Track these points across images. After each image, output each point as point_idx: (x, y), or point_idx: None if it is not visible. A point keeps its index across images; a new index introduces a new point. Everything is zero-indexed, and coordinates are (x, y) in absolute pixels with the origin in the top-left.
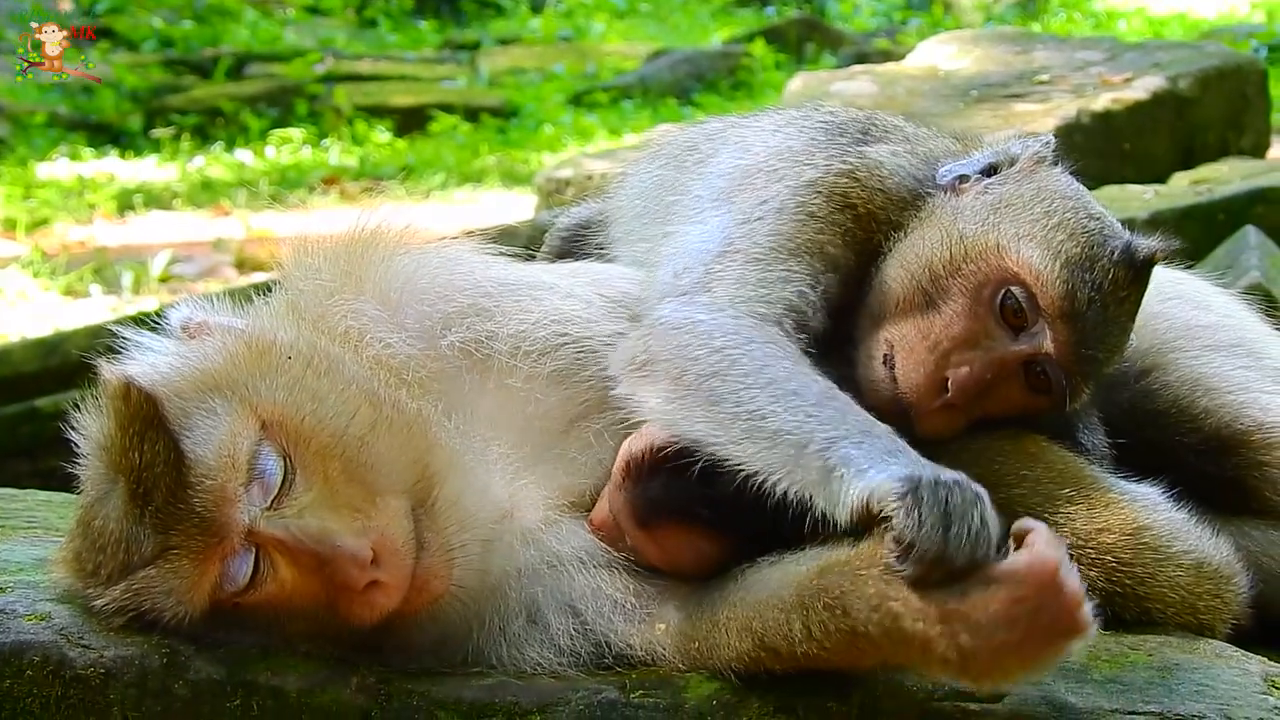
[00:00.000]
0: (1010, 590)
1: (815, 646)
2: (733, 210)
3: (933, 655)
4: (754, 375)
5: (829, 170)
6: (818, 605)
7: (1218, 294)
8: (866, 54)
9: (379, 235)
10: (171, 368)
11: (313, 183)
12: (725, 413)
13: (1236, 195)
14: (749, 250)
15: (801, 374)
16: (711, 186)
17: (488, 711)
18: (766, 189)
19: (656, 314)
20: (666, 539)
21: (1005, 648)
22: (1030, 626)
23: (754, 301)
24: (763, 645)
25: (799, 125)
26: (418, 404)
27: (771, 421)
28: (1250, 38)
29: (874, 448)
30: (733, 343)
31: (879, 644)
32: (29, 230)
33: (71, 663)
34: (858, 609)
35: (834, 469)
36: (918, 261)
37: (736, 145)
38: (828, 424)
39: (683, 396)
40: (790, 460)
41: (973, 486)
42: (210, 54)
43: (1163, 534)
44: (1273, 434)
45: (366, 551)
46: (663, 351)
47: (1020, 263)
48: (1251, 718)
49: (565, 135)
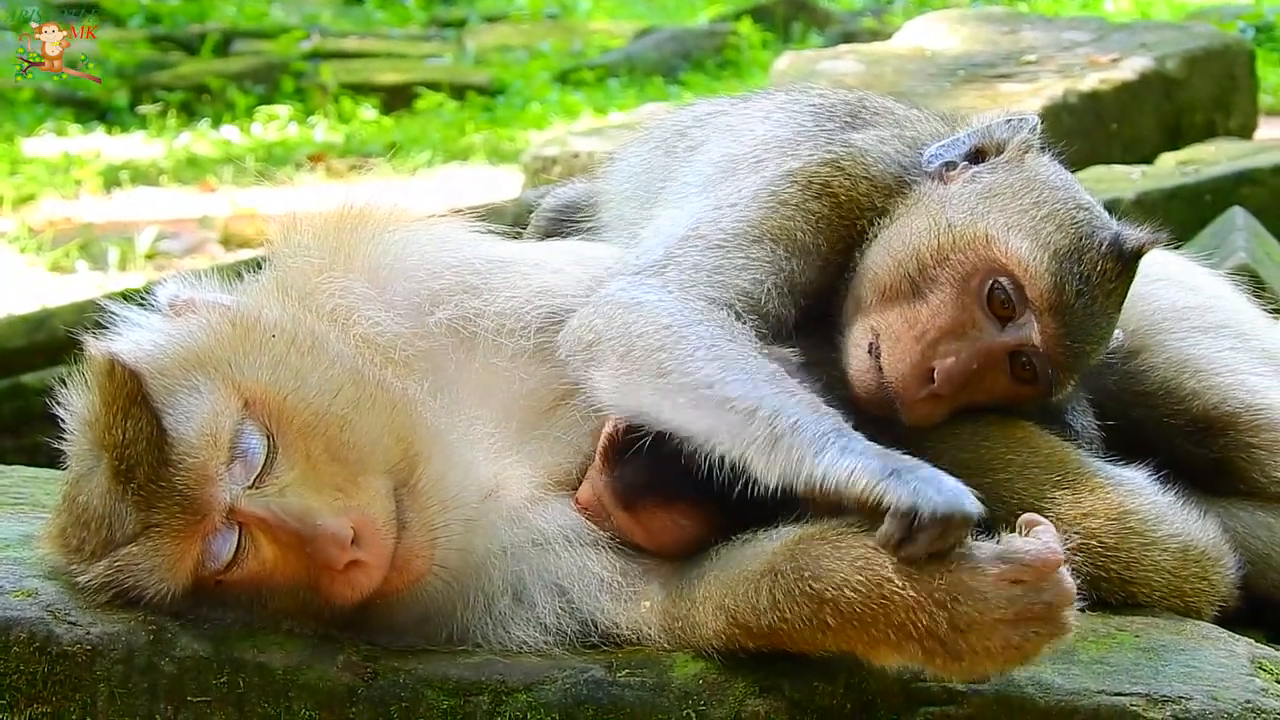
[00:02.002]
0: (1013, 569)
1: (777, 616)
2: (710, 198)
3: (915, 626)
4: (702, 350)
5: (811, 160)
6: (787, 570)
7: (1205, 275)
8: (853, 33)
9: (368, 213)
10: (156, 345)
11: (299, 160)
12: (671, 384)
13: (1223, 176)
14: (711, 236)
15: (749, 355)
16: (698, 174)
17: (474, 690)
18: (746, 178)
19: (604, 292)
20: (649, 519)
21: (996, 625)
22: (1024, 609)
23: (705, 285)
24: (735, 622)
25: (787, 111)
26: (402, 383)
27: (718, 390)
28: (1238, 19)
29: (824, 424)
30: (679, 320)
31: (851, 613)
32: (15, 206)
33: (58, 639)
34: (833, 572)
35: (781, 437)
36: (905, 250)
37: (725, 132)
38: (776, 396)
39: (629, 372)
40: (737, 428)
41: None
42: (197, 30)
43: (1148, 518)
44: (1260, 415)
45: (347, 531)
46: (608, 330)
47: (1009, 254)
48: (1238, 699)
49: (552, 113)
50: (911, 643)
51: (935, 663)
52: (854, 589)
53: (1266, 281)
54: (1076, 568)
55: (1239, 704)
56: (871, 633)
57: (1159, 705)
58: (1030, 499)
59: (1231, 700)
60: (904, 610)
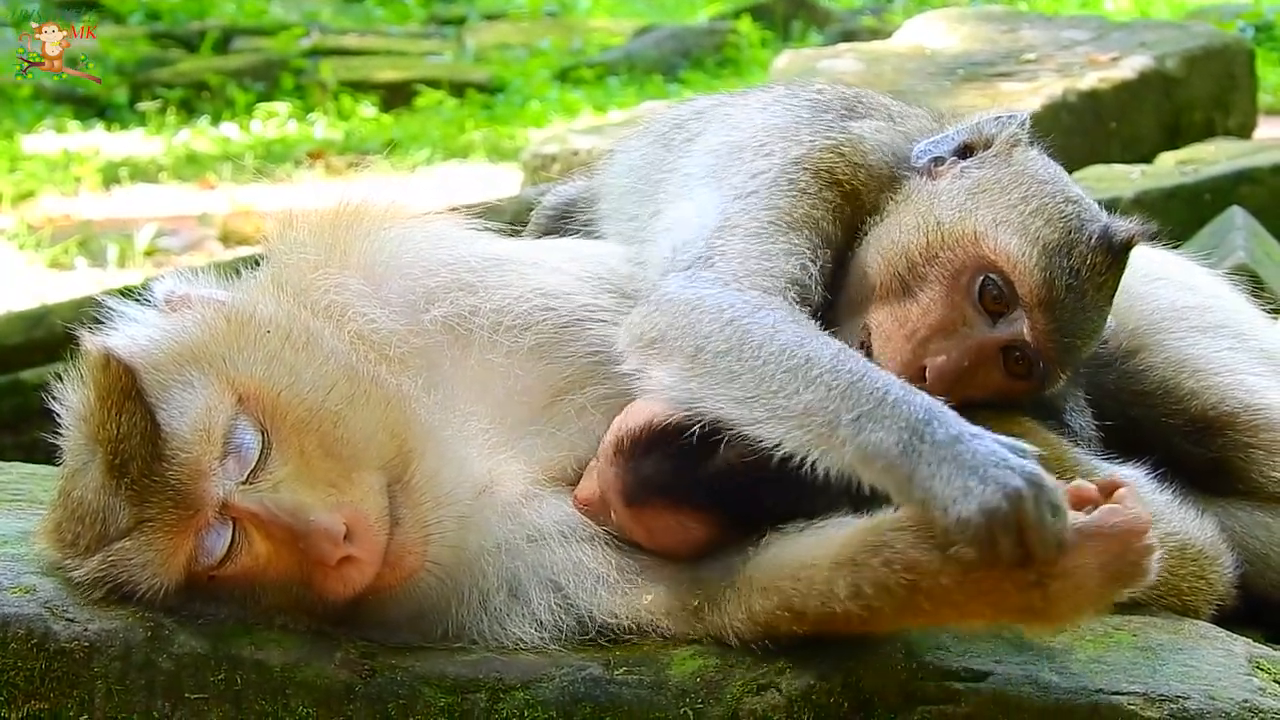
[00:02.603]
0: (1104, 543)
1: (859, 605)
2: (724, 186)
3: (1011, 601)
4: (767, 346)
5: (814, 146)
6: (871, 562)
7: (1204, 275)
8: (853, 32)
9: (364, 210)
10: (151, 340)
11: (298, 157)
12: (745, 391)
13: (1223, 175)
14: (748, 225)
15: (812, 340)
16: (700, 164)
17: (472, 687)
18: (755, 163)
19: (662, 290)
20: (654, 519)
21: (1087, 591)
22: (1114, 573)
23: (758, 275)
24: (789, 606)
25: (785, 103)
26: (397, 379)
27: (793, 400)
28: (1237, 18)
29: (899, 425)
30: (742, 314)
31: (945, 599)
32: (14, 203)
33: (56, 636)
34: (924, 562)
35: (871, 457)
36: (894, 248)
37: (724, 123)
38: (848, 395)
39: (700, 375)
40: (823, 441)
41: (1028, 476)
42: (197, 27)
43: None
44: (1258, 415)
45: (340, 527)
46: (672, 328)
47: (998, 250)
48: (1236, 698)
49: (551, 111)
50: (1006, 614)
51: (1025, 624)
52: (949, 576)
53: (1265, 281)
54: None
55: (1236, 703)
56: (968, 609)
57: (1156, 704)
58: None
59: (1229, 699)
60: (999, 592)
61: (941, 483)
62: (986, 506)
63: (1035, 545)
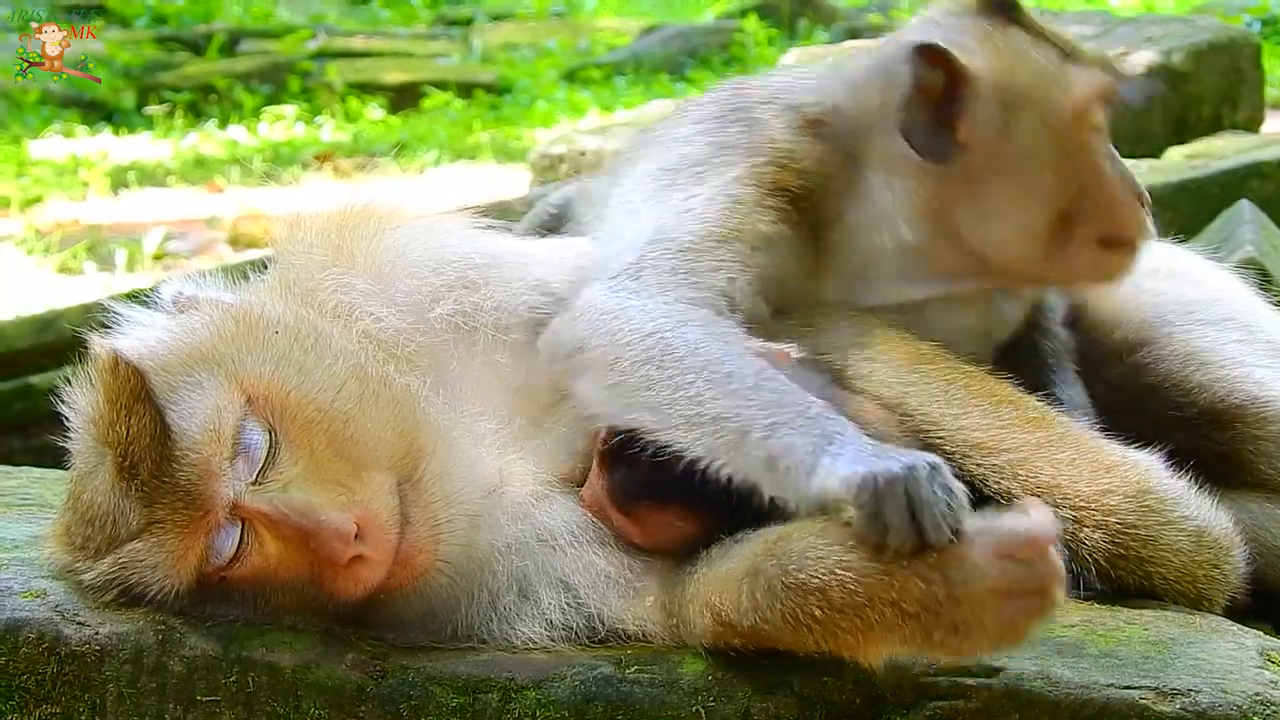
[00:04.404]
0: (1007, 541)
1: (759, 616)
2: (662, 207)
3: (909, 601)
4: (688, 359)
5: (749, 156)
6: (767, 568)
7: (1212, 268)
8: (859, 29)
9: (370, 210)
10: (159, 341)
11: (306, 160)
12: (663, 398)
13: (1231, 169)
14: (679, 239)
15: (734, 355)
16: (637, 184)
17: (483, 687)
18: (695, 184)
19: (585, 297)
20: (646, 520)
21: (989, 596)
22: (1015, 583)
23: (683, 286)
24: (720, 621)
25: (712, 120)
26: (405, 378)
27: (710, 407)
28: (1244, 11)
29: (814, 432)
30: (664, 326)
31: (841, 600)
32: (22, 208)
33: (67, 640)
34: (820, 560)
35: (777, 458)
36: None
37: (659, 145)
38: (766, 407)
39: (618, 384)
40: (733, 446)
41: (925, 458)
42: (203, 30)
43: (1166, 498)
44: (1267, 408)
45: (350, 526)
46: (593, 337)
47: (1088, 91)
48: (1248, 691)
49: (558, 111)
50: (907, 621)
51: (932, 639)
52: (845, 568)
53: (1273, 274)
54: (1095, 545)
55: (1249, 696)
56: (865, 615)
57: (1168, 698)
58: (1047, 477)
59: (1241, 693)
60: (898, 585)
61: (841, 469)
62: (878, 472)
63: (926, 523)
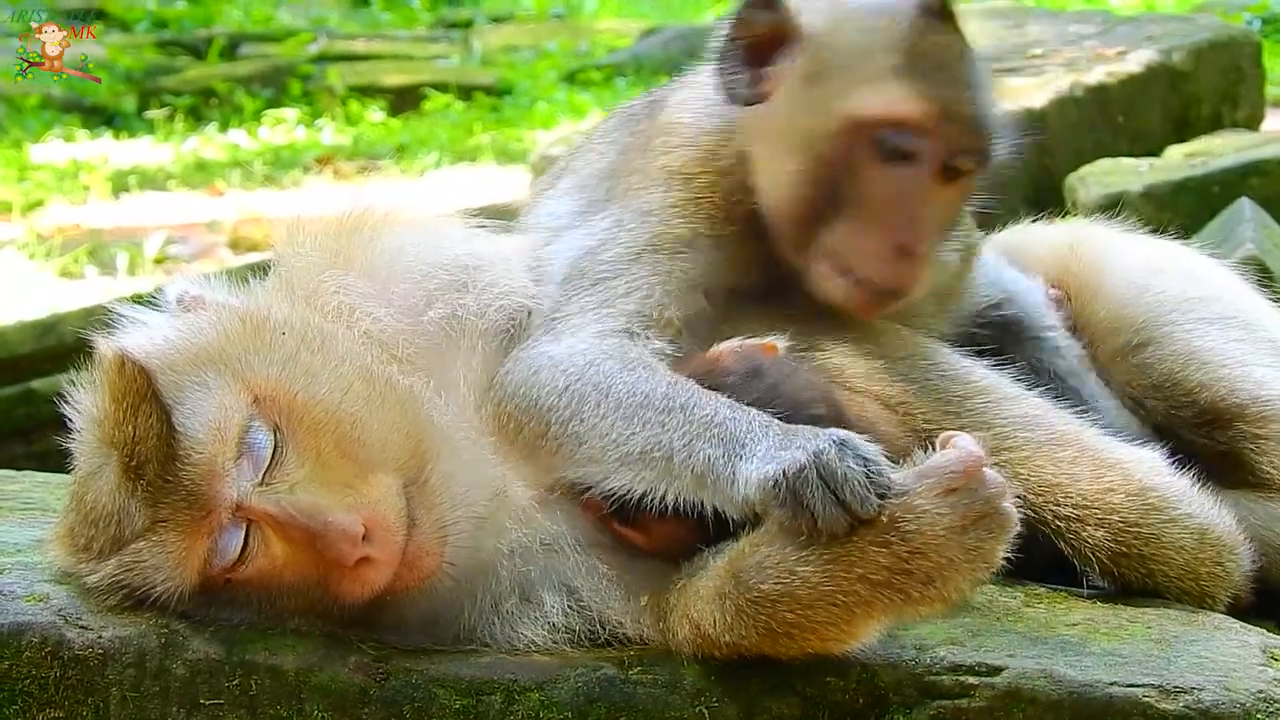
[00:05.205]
0: (944, 477)
1: (736, 635)
2: (575, 235)
3: (876, 570)
4: (602, 403)
5: (648, 159)
6: (730, 590)
7: (1212, 267)
8: None
9: (368, 213)
10: (166, 341)
11: (307, 163)
12: (594, 450)
13: (1231, 168)
14: (591, 271)
15: (644, 381)
16: (560, 203)
17: (487, 689)
18: (603, 202)
19: (506, 370)
20: (651, 529)
21: (949, 535)
22: (967, 511)
23: (593, 322)
24: (699, 634)
25: (612, 138)
26: (410, 380)
27: (633, 444)
28: (1244, 10)
29: (724, 440)
30: (572, 377)
31: (809, 595)
32: (24, 212)
33: (70, 643)
34: (778, 565)
35: (703, 475)
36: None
37: (568, 174)
38: (680, 427)
39: (556, 450)
40: (665, 474)
41: (831, 436)
42: (204, 35)
43: (1168, 495)
44: (1268, 407)
45: (358, 527)
46: (521, 413)
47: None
48: (1251, 689)
49: (559, 113)
50: (880, 590)
51: (911, 597)
52: (803, 563)
53: (1274, 272)
54: (1097, 544)
55: (1252, 694)
56: (837, 600)
57: (1171, 696)
58: (1049, 476)
59: (1244, 690)
60: (858, 559)
61: (755, 474)
62: (786, 466)
63: (847, 495)
